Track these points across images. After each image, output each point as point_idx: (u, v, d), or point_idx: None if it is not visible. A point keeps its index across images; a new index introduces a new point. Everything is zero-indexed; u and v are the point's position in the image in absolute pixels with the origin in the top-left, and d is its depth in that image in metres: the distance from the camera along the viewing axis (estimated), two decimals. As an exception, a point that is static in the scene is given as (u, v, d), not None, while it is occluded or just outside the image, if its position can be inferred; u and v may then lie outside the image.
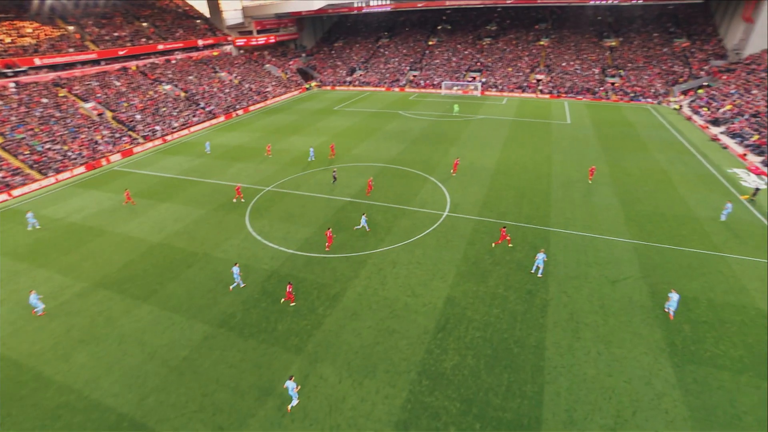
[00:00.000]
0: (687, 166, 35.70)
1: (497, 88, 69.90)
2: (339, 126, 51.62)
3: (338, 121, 53.96)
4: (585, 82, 67.36)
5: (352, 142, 44.04)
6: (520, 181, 32.75)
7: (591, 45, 76.41)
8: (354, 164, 37.68)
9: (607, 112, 55.68)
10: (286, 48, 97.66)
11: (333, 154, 40.38)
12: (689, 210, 27.84)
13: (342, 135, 47.33)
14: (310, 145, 44.07)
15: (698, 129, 47.19)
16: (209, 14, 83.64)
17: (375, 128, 49.27)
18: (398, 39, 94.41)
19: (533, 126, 48.45)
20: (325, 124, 53.24)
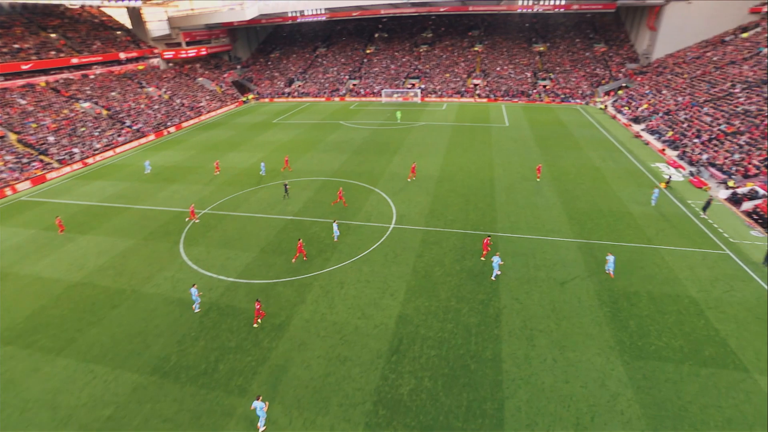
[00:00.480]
0: (616, 163, 37.80)
1: (437, 93, 71.17)
2: (279, 139, 49.76)
3: (278, 135, 52.07)
4: (519, 86, 70.31)
5: (293, 156, 42.43)
6: (464, 187, 32.92)
7: (522, 50, 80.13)
8: (296, 179, 36.17)
9: (541, 113, 58.26)
10: (219, 60, 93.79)
11: (288, 167, 38.94)
12: (623, 205, 29.24)
13: (282, 149, 45.56)
14: (249, 161, 42.01)
15: (622, 127, 50.51)
16: (131, 25, 78.32)
17: (316, 140, 48.00)
18: (336, 48, 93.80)
19: (474, 130, 49.48)
20: (264, 138, 51.14)
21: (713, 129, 41.20)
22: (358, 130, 51.73)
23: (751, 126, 39.01)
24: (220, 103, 74.62)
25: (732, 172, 33.18)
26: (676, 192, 31.50)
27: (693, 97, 50.46)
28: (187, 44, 79.07)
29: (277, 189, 34.41)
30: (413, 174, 35.15)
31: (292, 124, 57.47)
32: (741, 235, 25.53)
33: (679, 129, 44.14)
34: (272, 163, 40.66)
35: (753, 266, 22.22)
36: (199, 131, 58.00)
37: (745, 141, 37.09)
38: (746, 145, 36.27)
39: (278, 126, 57.27)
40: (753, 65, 51.28)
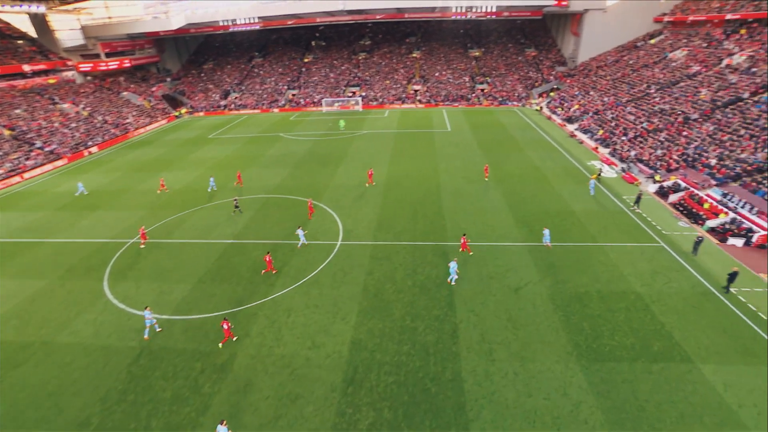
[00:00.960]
0: (555, 162, 39.22)
1: (378, 101, 71.05)
2: (216, 156, 46.88)
3: (215, 151, 49.09)
4: (458, 90, 71.91)
5: (231, 173, 39.95)
6: (411, 195, 32.47)
7: (458, 56, 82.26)
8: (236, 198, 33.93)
9: (481, 116, 59.75)
10: (146, 72, 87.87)
11: (240, 183, 36.87)
12: (566, 204, 30.13)
13: (220, 166, 42.88)
14: (184, 180, 39.05)
15: (558, 127, 52.90)
16: (36, 34, 71.08)
17: (255, 155, 45.73)
18: (272, 58, 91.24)
19: (417, 136, 49.56)
20: (199, 155, 47.98)
21: (637, 127, 44.10)
22: (300, 142, 50.06)
23: (668, 123, 42.17)
24: (150, 118, 69.61)
25: (657, 167, 35.46)
26: (611, 188, 33.05)
27: (617, 97, 53.98)
28: (107, 55, 73.08)
29: (218, 209, 32.05)
30: (371, 181, 34.95)
31: (229, 139, 54.56)
32: (671, 226, 27.05)
33: (608, 128, 46.86)
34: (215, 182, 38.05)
35: (684, 256, 23.48)
36: (126, 150, 53.47)
37: (664, 137, 39.95)
38: (666, 142, 39.06)
39: (214, 141, 54.13)
40: (662, 68, 55.89)
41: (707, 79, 46.98)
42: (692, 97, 44.83)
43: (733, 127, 36.39)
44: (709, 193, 29.92)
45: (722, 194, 29.11)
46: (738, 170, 30.86)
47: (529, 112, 62.28)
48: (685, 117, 41.68)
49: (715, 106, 41.00)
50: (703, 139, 36.81)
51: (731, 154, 33.17)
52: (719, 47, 53.14)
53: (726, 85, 43.65)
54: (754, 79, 41.89)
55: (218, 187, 36.76)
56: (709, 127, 38.11)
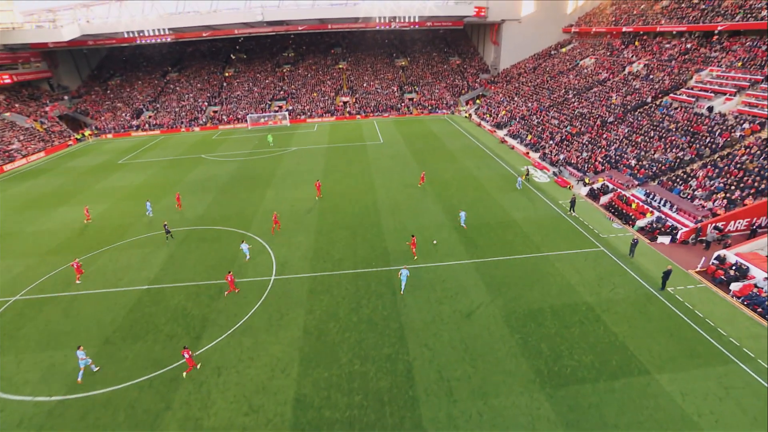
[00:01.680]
0: (491, 169, 39.54)
1: (306, 114, 68.57)
2: (127, 184, 41.56)
3: (125, 178, 43.61)
4: (388, 100, 71.63)
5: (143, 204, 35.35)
6: (348, 216, 30.59)
7: (385, 65, 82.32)
8: (151, 233, 29.82)
9: (412, 126, 59.65)
10: (36, 90, 77.56)
11: (179, 206, 34.14)
12: (506, 213, 30.00)
13: (131, 196, 37.90)
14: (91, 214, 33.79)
15: (488, 133, 54.10)
16: None
17: (174, 180, 41.23)
18: (189, 72, 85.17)
19: (349, 151, 47.90)
20: (107, 184, 42.30)
21: (562, 131, 46.12)
22: (223, 163, 46.18)
23: (589, 127, 44.55)
24: (43, 143, 61.08)
25: (585, 169, 36.94)
26: (546, 193, 33.68)
27: (539, 103, 56.51)
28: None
29: (132, 248, 27.78)
30: (319, 193, 34.40)
31: (143, 164, 49.03)
32: (606, 228, 27.82)
33: (535, 132, 48.58)
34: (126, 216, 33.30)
35: (623, 259, 23.99)
36: (13, 182, 45.93)
37: (587, 140, 42.02)
38: (589, 144, 41.07)
39: (126, 167, 48.32)
40: (576, 75, 59.67)
41: (615, 85, 50.58)
42: (605, 101, 47.90)
43: (644, 129, 39.05)
44: (634, 193, 31.43)
45: (645, 194, 30.66)
46: (655, 170, 32.83)
47: (459, 120, 63.40)
48: (603, 120, 44.26)
49: (626, 109, 44.01)
50: (620, 141, 39.08)
51: (646, 155, 35.38)
52: (620, 56, 57.77)
53: (632, 90, 47.17)
54: (653, 85, 45.66)
55: (131, 219, 32.23)
56: (624, 129, 40.64)
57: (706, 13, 48.87)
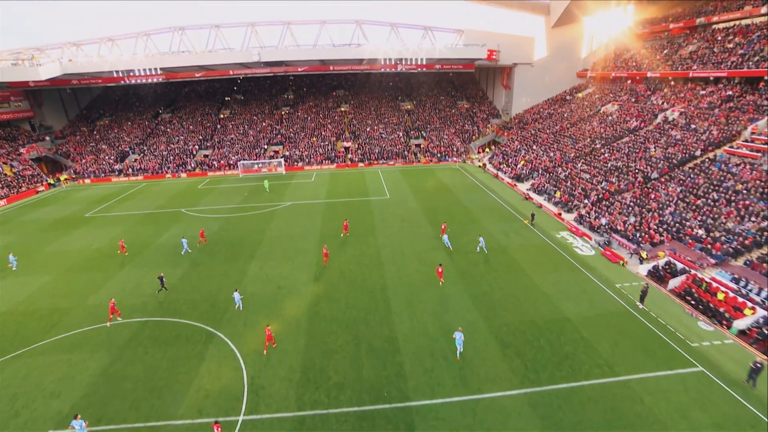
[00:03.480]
0: (522, 237, 32.91)
1: (304, 161, 62.95)
2: (83, 247, 34.75)
3: (85, 238, 36.88)
4: (393, 146, 66.30)
5: (93, 281, 28.38)
6: (349, 308, 23.52)
7: (390, 109, 77.85)
8: (86, 328, 22.72)
9: (421, 176, 53.74)
10: (16, 130, 72.51)
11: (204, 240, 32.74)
12: (555, 306, 23.06)
13: (83, 266, 30.96)
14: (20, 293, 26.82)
15: (507, 187, 48.00)
16: None
17: (142, 244, 34.44)
18: (183, 113, 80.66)
19: (351, 208, 41.44)
20: (61, 245, 35.53)
21: (597, 188, 39.98)
22: (205, 221, 39.60)
23: (629, 184, 38.44)
24: (8, 189, 54.90)
25: (638, 239, 30.33)
26: (598, 273, 26.86)
27: (563, 152, 50.88)
28: (-50, 113, 57.97)
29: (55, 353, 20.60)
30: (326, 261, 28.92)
31: (113, 219, 42.49)
32: (693, 331, 20.84)
33: (564, 188, 42.45)
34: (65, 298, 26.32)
35: (739, 388, 16.87)
36: (-46, 241, 39.18)
37: (631, 200, 35.73)
38: (634, 206, 34.72)
39: (92, 222, 41.77)
40: (600, 122, 54.54)
41: (650, 135, 45.09)
42: (642, 153, 42.18)
43: (702, 189, 32.88)
44: (714, 276, 24.64)
45: (733, 279, 23.88)
46: (735, 244, 26.24)
47: (472, 170, 57.64)
48: (645, 176, 38.24)
49: (671, 164, 38.13)
50: (675, 203, 32.76)
51: (716, 223, 28.91)
52: (648, 103, 52.87)
53: (672, 141, 41.57)
54: (698, 136, 40.09)
55: (72, 301, 25.18)
56: (675, 188, 34.46)
57: (747, 57, 44.18)
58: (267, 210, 41.75)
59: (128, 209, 45.15)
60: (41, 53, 69.17)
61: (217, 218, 39.95)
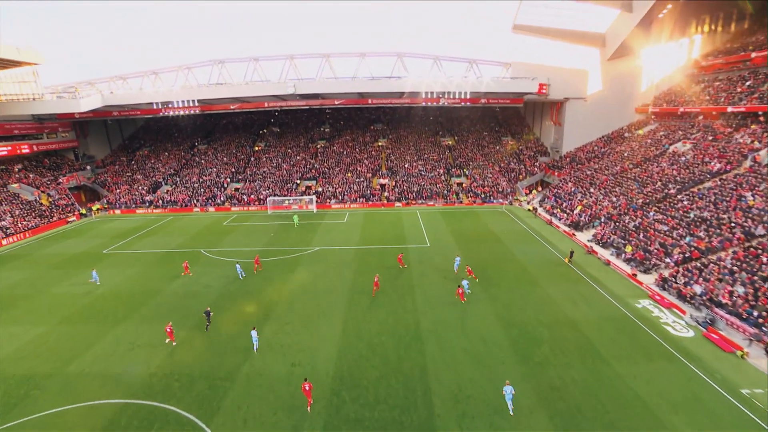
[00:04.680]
0: (591, 306, 26.78)
1: (337, 198, 59.31)
2: (89, 290, 31.71)
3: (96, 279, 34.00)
4: (433, 185, 61.74)
5: (85, 336, 24.71)
6: (379, 406, 17.99)
7: (430, 144, 73.96)
8: (51, 411, 18.57)
9: (465, 220, 48.48)
10: (60, 159, 73.91)
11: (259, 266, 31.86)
12: (659, 420, 16.84)
13: (83, 315, 27.56)
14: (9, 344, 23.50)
15: (565, 237, 41.84)
16: None
17: (149, 291, 30.89)
18: (219, 144, 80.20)
19: (385, 257, 36.48)
20: (67, 287, 32.68)
21: (680, 243, 33.31)
22: (222, 266, 35.88)
23: (725, 242, 31.59)
24: (40, 219, 54.21)
25: (757, 319, 23.52)
26: (703, 364, 20.32)
27: (628, 198, 44.44)
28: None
29: None
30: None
31: (129, 256, 39.80)
32: None
33: (636, 241, 35.96)
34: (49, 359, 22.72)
35: None
36: (-32, 275, 37.45)
37: (732, 263, 28.90)
38: (739, 270, 27.88)
39: (107, 260, 39.19)
40: (670, 163, 47.88)
41: (743, 180, 38.11)
42: (736, 202, 35.28)
43: (833, 254, 25.80)
44: None
45: None
46: None
47: (521, 213, 51.86)
48: (746, 231, 31.34)
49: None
50: (797, 272, 25.78)
51: None
52: (732, 141, 45.88)
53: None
54: (810, 183, 32.99)
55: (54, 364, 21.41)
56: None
57: None
58: (292, 255, 37.62)
59: (147, 246, 42.43)
60: (92, 86, 70.93)
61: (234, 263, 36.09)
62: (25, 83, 58.92)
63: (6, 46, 49.10)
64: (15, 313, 28.56)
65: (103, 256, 40.46)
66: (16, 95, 58.81)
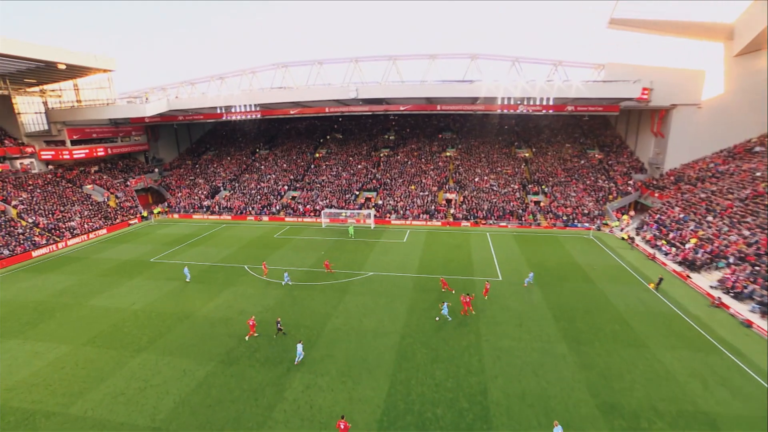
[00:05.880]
0: (733, 392, 19.55)
1: (398, 213, 54.99)
2: (125, 306, 30.16)
3: (134, 292, 32.66)
4: (506, 203, 55.32)
5: (104, 365, 22.46)
6: None
7: (503, 156, 67.40)
8: None
9: (543, 248, 41.73)
10: (132, 162, 77.65)
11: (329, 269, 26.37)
12: None
13: (108, 338, 25.61)
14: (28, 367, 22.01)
15: (677, 278, 33.77)
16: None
17: (180, 314, 28.45)
18: (280, 150, 79.84)
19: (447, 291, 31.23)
20: (106, 299, 31.58)
21: None
22: (263, 287, 32.87)
23: None
24: (105, 221, 55.97)
25: None
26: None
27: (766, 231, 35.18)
28: (73, 143, 62.41)
29: None
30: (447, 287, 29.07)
31: (173, 267, 38.51)
32: None
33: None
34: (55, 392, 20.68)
35: None
36: (23, 274, 38.33)
37: None
38: None
39: (152, 269, 38.21)
40: (826, 186, 37.52)
41: None
42: None
43: None
44: None
45: None
46: None
47: (612, 242, 43.93)
48: None
49: None
50: None
51: None
52: None
53: None
54: None
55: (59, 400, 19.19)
56: None
57: None
58: (341, 281, 33.75)
59: (193, 257, 41.02)
60: (164, 91, 73.65)
61: (276, 286, 32.96)
62: (102, 89, 62.02)
63: (85, 54, 51.26)
64: (49, 326, 27.55)
65: (150, 265, 39.59)
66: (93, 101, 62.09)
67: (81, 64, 50.36)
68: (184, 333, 25.60)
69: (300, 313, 27.77)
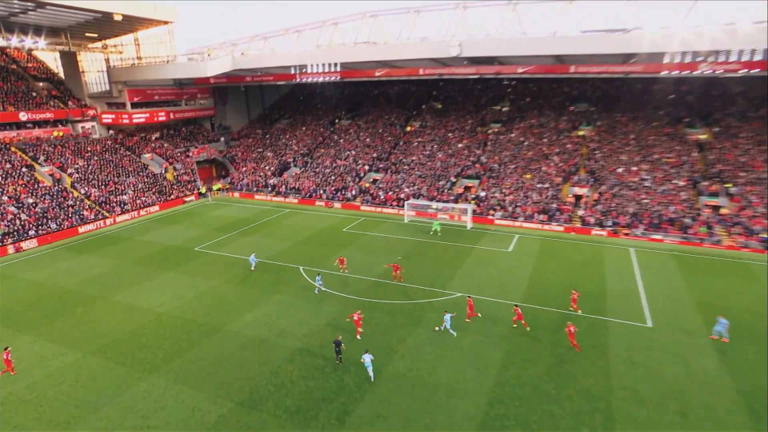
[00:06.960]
0: None
1: (505, 209, 49.54)
2: (152, 306, 30.02)
3: (165, 289, 32.75)
4: (664, 206, 46.83)
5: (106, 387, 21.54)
6: None
7: (665, 138, 57.67)
8: None
9: (727, 282, 33.40)
10: (199, 128, 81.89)
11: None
12: None
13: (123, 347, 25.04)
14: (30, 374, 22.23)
15: None
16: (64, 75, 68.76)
17: (209, 327, 26.95)
18: (364, 121, 78.27)
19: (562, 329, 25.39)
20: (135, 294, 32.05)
21: None
22: (314, 302, 30.43)
23: None
24: (159, 196, 59.04)
25: None
26: None
27: None
28: (134, 105, 66.71)
29: None
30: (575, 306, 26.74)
31: (217, 260, 38.49)
32: None
33: None
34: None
35: None
36: (65, 252, 41.18)
37: None
38: None
39: (194, 261, 38.58)
40: None
41: None
42: None
43: None
44: None
45: None
46: None
47: None
48: None
49: None
50: None
51: None
52: None
53: None
54: None
55: None
56: None
57: None
58: (415, 301, 30.11)
59: (243, 249, 40.47)
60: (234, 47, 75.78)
61: (335, 299, 30.43)
62: (162, 44, 65.17)
63: (143, 3, 53.58)
64: (66, 323, 28.35)
65: (192, 255, 40.09)
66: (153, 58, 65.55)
67: (139, 15, 52.67)
68: (207, 353, 24.11)
69: (355, 348, 24.51)
